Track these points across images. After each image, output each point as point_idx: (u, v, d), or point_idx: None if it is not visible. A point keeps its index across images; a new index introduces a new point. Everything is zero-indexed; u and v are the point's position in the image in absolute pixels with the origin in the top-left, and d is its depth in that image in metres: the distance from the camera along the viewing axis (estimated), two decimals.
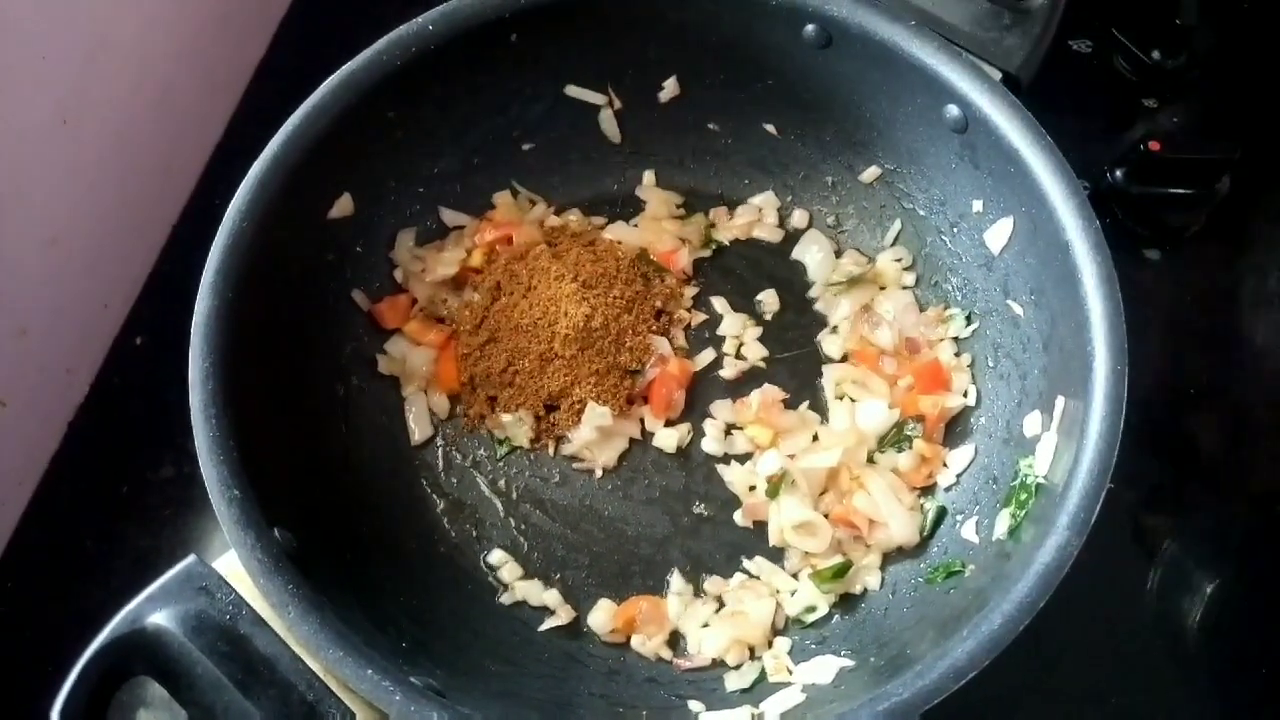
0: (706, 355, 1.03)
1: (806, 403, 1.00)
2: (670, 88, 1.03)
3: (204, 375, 0.78)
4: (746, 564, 0.95)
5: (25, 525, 1.03)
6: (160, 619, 0.71)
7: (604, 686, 0.88)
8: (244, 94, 1.24)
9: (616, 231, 1.07)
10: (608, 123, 1.05)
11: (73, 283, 1.06)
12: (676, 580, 0.94)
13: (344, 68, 0.88)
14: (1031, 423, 0.88)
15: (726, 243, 1.07)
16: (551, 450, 1.00)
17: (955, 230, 0.98)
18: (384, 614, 0.82)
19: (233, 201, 0.84)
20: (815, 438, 0.98)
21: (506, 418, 0.99)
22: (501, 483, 0.99)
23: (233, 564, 0.74)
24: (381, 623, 0.79)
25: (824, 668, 0.84)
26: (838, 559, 0.93)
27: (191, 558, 0.73)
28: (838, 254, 1.06)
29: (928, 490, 0.96)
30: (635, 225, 1.07)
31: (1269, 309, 1.14)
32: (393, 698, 0.69)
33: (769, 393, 1.00)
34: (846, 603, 0.92)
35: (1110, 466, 0.75)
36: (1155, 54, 1.18)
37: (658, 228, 1.07)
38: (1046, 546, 0.73)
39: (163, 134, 1.14)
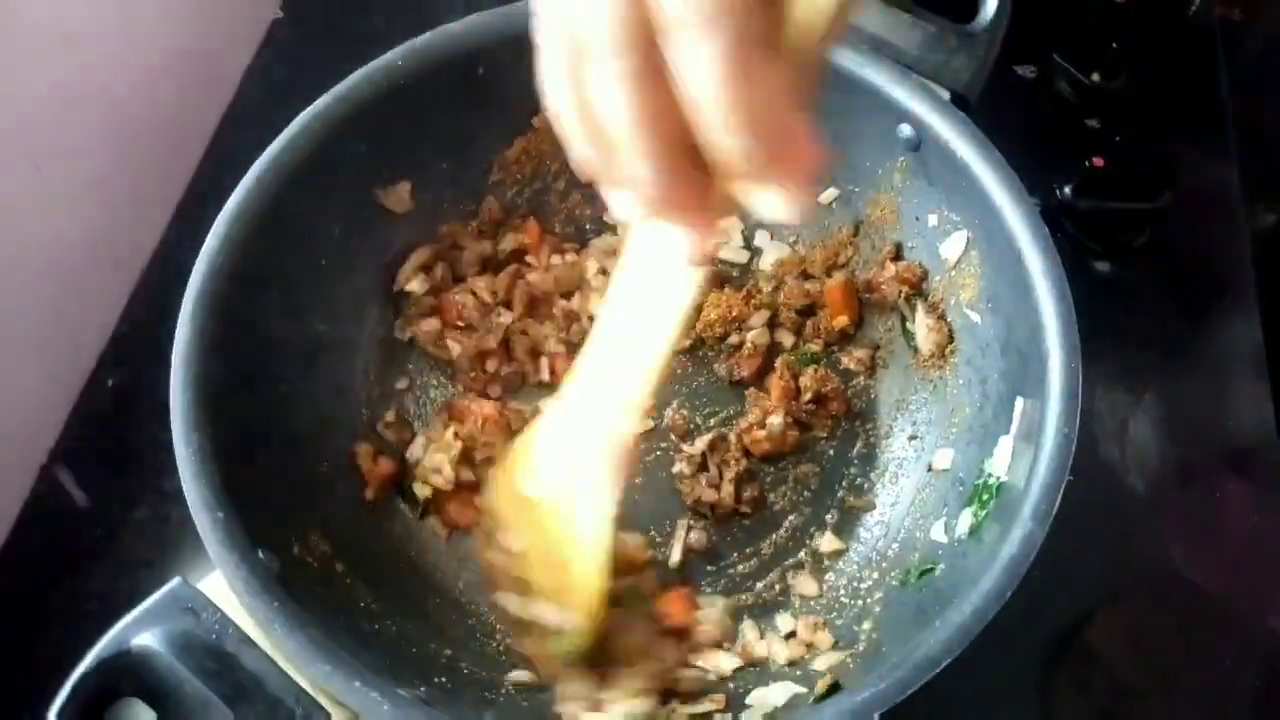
0: None
1: None
2: None
3: (185, 404, 0.79)
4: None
5: None
6: (147, 639, 0.71)
7: None
8: (211, 140, 1.26)
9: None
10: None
11: (43, 326, 1.07)
12: None
13: (318, 101, 0.90)
14: (992, 425, 0.91)
15: None
16: None
17: (911, 247, 1.02)
18: (366, 632, 0.82)
19: (211, 231, 0.85)
20: None
21: None
22: None
23: (216, 585, 0.75)
24: (364, 640, 0.80)
25: None
26: None
27: (177, 579, 0.74)
28: None
29: None
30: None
31: (1214, 318, 1.18)
32: (381, 708, 0.70)
33: None
34: None
35: (1070, 458, 0.77)
36: (1095, 76, 1.24)
37: None
38: (1011, 538, 0.76)
39: (132, 178, 1.16)
